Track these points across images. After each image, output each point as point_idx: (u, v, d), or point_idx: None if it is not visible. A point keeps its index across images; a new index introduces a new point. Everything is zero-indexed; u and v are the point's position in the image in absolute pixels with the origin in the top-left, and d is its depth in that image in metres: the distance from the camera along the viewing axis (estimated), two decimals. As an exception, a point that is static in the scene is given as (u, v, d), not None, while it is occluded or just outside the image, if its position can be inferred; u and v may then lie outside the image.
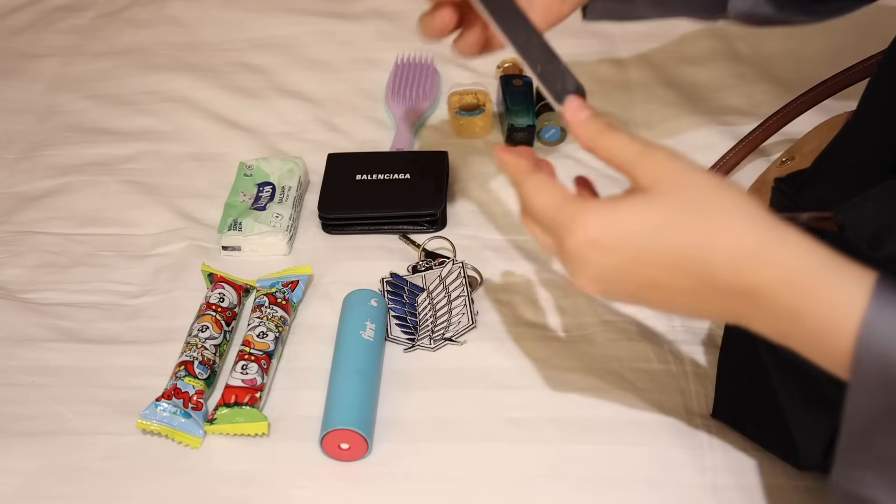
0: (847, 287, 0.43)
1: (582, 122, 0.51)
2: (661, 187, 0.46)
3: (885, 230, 0.50)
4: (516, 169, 0.52)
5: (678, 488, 0.64)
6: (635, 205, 0.46)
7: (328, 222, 0.84)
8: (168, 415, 0.67)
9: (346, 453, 0.66)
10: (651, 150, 0.48)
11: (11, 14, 1.14)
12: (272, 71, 1.04)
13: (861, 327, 0.42)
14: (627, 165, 0.48)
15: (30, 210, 0.88)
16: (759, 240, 0.44)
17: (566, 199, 0.49)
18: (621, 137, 0.49)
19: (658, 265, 0.46)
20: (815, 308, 0.44)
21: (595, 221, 0.47)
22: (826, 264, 0.44)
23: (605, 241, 0.47)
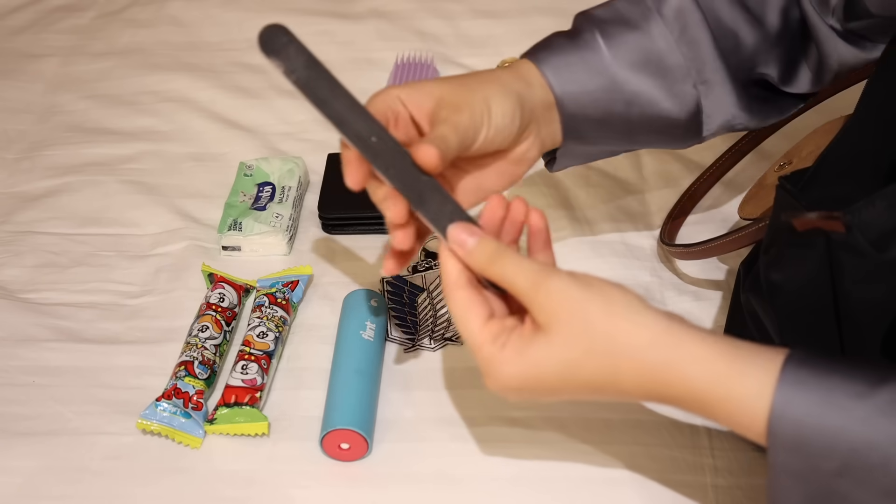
0: (748, 393, 0.45)
1: (470, 253, 0.51)
2: (560, 326, 0.48)
3: (892, 232, 0.50)
4: (447, 278, 0.52)
5: (678, 488, 0.64)
6: (540, 349, 0.49)
7: (328, 222, 0.85)
8: (168, 415, 0.67)
9: (346, 453, 0.66)
10: (544, 281, 0.49)
11: (11, 14, 1.14)
12: (272, 71, 1.03)
13: (768, 428, 0.45)
14: (523, 297, 0.50)
15: (30, 210, 0.88)
16: (658, 367, 0.47)
17: (483, 340, 0.50)
18: (512, 266, 0.50)
19: (571, 392, 0.50)
20: (724, 416, 0.47)
21: (507, 372, 0.49)
22: (723, 377, 0.46)
23: (518, 385, 0.50)
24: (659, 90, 0.63)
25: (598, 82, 0.62)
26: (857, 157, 0.56)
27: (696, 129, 0.67)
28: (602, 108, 0.63)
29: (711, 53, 0.64)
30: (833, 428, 0.43)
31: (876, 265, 0.50)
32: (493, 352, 0.50)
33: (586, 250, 0.81)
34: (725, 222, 0.83)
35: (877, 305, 0.51)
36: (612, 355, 0.48)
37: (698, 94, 0.64)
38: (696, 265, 0.79)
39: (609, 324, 0.48)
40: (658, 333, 0.47)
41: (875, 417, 0.43)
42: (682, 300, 0.77)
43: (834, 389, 0.44)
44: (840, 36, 0.65)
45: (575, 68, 0.62)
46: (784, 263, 0.57)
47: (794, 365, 0.45)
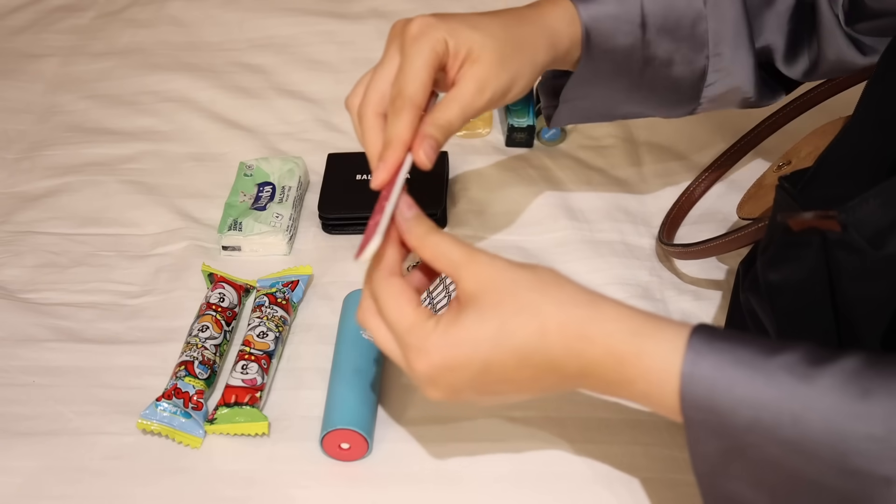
0: (662, 349, 0.47)
1: (408, 220, 0.53)
2: (488, 295, 0.50)
3: (888, 229, 0.50)
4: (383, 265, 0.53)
5: (678, 488, 0.64)
6: (470, 320, 0.50)
7: (328, 222, 0.85)
8: (168, 415, 0.67)
9: (346, 453, 0.66)
10: (474, 254, 0.51)
11: (11, 14, 1.14)
12: (272, 71, 1.04)
13: (681, 384, 0.46)
14: (453, 269, 0.51)
15: (30, 210, 0.88)
16: (582, 321, 0.49)
17: (417, 319, 0.51)
18: (446, 240, 0.52)
19: (503, 366, 0.50)
20: (638, 375, 0.48)
21: (440, 347, 0.50)
22: (640, 331, 0.48)
23: (453, 362, 0.50)
24: (674, 54, 0.65)
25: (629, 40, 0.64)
26: (856, 158, 0.56)
27: (693, 95, 0.68)
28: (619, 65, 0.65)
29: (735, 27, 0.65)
30: (741, 384, 0.45)
31: (873, 262, 0.50)
32: (428, 328, 0.50)
33: (586, 250, 0.82)
34: (724, 222, 0.83)
35: (875, 302, 0.52)
36: (539, 314, 0.49)
37: (707, 64, 0.66)
38: (696, 265, 0.79)
39: (536, 287, 0.50)
40: (579, 292, 0.50)
41: (780, 375, 0.44)
42: (682, 300, 0.77)
43: (740, 349, 0.46)
44: (843, 32, 0.65)
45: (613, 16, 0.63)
46: (781, 263, 0.57)
47: (703, 330, 0.47)
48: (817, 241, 0.53)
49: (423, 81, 0.56)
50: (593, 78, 0.66)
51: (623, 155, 0.90)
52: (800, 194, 0.55)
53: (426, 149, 0.55)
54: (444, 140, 0.57)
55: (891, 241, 0.50)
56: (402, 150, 0.56)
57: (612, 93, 0.68)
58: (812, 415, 0.43)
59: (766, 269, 0.59)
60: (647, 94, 0.68)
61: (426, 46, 0.56)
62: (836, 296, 0.53)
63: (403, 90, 0.56)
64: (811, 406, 0.43)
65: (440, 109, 0.57)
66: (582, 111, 0.71)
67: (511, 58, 0.59)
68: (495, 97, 0.58)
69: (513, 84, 0.59)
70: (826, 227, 0.52)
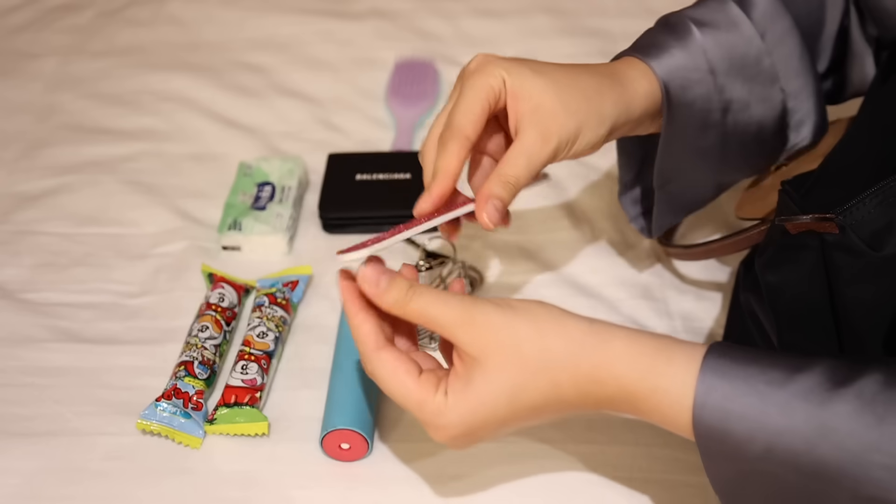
0: (674, 384, 0.47)
1: (384, 293, 0.51)
2: (492, 357, 0.49)
3: (885, 230, 0.50)
4: (365, 344, 0.51)
5: (678, 488, 0.64)
6: (481, 388, 0.49)
7: (329, 222, 0.84)
8: (168, 415, 0.67)
9: (346, 453, 0.66)
10: (469, 314, 0.49)
11: (10, 13, 1.14)
12: (272, 71, 1.03)
13: (693, 416, 0.46)
14: (449, 333, 0.49)
15: (29, 210, 0.88)
16: (592, 367, 0.49)
17: (424, 395, 0.50)
18: (431, 304, 0.50)
19: (519, 419, 0.50)
20: (651, 409, 0.48)
21: (457, 422, 0.50)
22: (650, 368, 0.48)
23: (471, 429, 0.50)
24: (749, 94, 0.63)
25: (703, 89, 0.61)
26: (859, 162, 0.56)
27: (782, 136, 0.67)
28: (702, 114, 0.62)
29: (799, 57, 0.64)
30: (754, 414, 0.45)
31: (871, 264, 0.51)
32: (438, 402, 0.49)
33: (586, 250, 0.82)
34: (724, 222, 0.83)
35: (875, 304, 0.52)
36: (548, 369, 0.48)
37: (784, 97, 0.65)
38: (697, 265, 0.79)
39: (539, 340, 0.49)
40: (584, 336, 0.49)
41: (794, 403, 0.44)
42: (683, 300, 0.77)
43: (753, 377, 0.45)
44: (872, 57, 0.66)
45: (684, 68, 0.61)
46: (779, 265, 0.57)
47: (715, 356, 0.47)
48: (815, 243, 0.53)
49: (474, 113, 0.54)
50: (680, 138, 0.63)
51: (623, 155, 0.90)
52: (802, 198, 0.55)
53: (490, 210, 0.54)
54: (510, 199, 0.55)
55: (889, 242, 0.50)
56: (447, 182, 0.55)
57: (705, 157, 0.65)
58: (827, 444, 0.43)
59: (764, 270, 0.59)
60: (738, 149, 0.66)
61: (481, 80, 0.55)
62: (835, 298, 0.53)
63: (453, 121, 0.55)
64: (826, 435, 0.43)
65: (506, 164, 0.55)
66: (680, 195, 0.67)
67: (575, 105, 0.55)
68: (561, 146, 0.55)
69: (579, 133, 0.56)
70: (824, 229, 0.52)
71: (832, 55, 0.68)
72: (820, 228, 0.52)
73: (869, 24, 0.65)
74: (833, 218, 0.51)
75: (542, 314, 0.50)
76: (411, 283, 0.51)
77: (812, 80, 0.66)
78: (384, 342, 0.52)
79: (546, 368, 0.48)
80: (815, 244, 0.53)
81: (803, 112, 0.66)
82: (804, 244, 0.54)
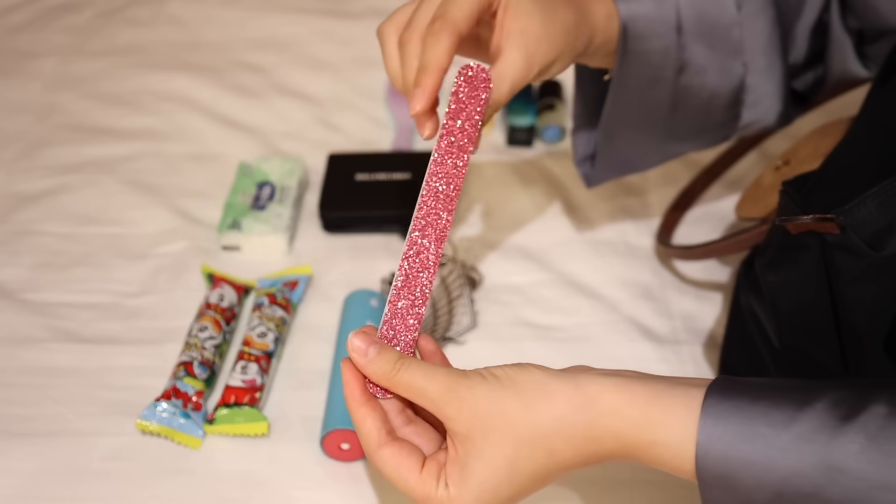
0: (673, 436, 0.46)
1: (371, 363, 0.50)
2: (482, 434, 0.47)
3: (886, 230, 0.50)
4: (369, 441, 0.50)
5: (678, 488, 0.64)
6: (477, 471, 0.47)
7: (329, 222, 0.84)
8: (168, 415, 0.67)
9: (346, 453, 0.66)
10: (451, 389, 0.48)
11: (10, 13, 1.14)
12: (272, 70, 1.03)
13: (696, 467, 0.45)
14: (434, 409, 0.48)
15: (29, 209, 0.88)
16: (586, 427, 0.47)
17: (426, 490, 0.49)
18: (417, 378, 0.48)
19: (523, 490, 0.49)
20: (652, 459, 0.47)
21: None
22: (647, 421, 0.46)
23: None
24: (709, 61, 0.63)
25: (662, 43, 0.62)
26: (861, 162, 0.56)
27: (734, 112, 0.66)
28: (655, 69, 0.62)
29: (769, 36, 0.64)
30: (759, 460, 0.43)
31: (872, 264, 0.50)
32: (441, 496, 0.48)
33: (586, 250, 0.81)
34: (723, 222, 0.83)
35: (875, 304, 0.52)
36: (542, 438, 0.47)
37: (745, 72, 0.64)
38: (697, 265, 0.79)
39: (526, 412, 0.47)
40: (570, 397, 0.47)
41: (799, 445, 0.43)
42: (683, 300, 0.77)
43: (755, 420, 0.44)
44: (853, 48, 0.65)
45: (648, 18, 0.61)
46: (779, 265, 0.57)
47: (715, 400, 0.45)
48: (816, 243, 0.53)
49: (470, 8, 0.52)
50: (631, 87, 0.64)
51: (623, 155, 0.90)
52: (803, 199, 0.55)
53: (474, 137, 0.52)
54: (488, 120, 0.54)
55: (889, 242, 0.50)
56: (438, 76, 0.52)
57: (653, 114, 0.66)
58: (835, 487, 0.42)
59: (764, 270, 0.59)
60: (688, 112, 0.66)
61: None
62: (836, 298, 0.53)
63: (448, 12, 0.52)
64: (834, 478, 0.42)
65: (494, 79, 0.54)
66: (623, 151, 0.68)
67: (556, 37, 0.56)
68: (537, 74, 0.56)
69: (553, 64, 0.56)
70: (825, 229, 0.52)
71: (812, 45, 0.67)
72: (821, 229, 0.52)
73: (850, 16, 0.65)
74: (834, 218, 0.51)
75: (526, 382, 0.48)
76: (401, 354, 0.50)
77: (779, 62, 0.65)
78: (385, 439, 0.50)
79: (539, 438, 0.47)
80: (815, 244, 0.53)
81: (762, 92, 0.66)
82: (805, 244, 0.54)
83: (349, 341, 0.50)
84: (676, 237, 0.82)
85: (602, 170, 0.70)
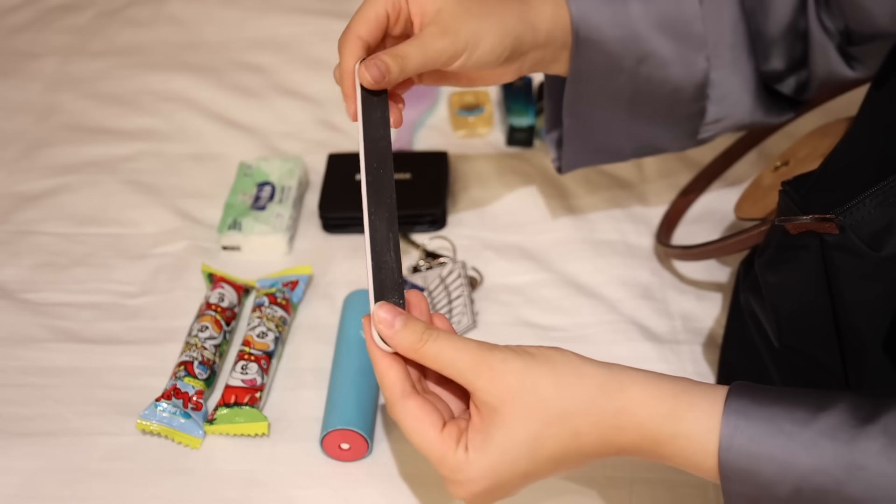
0: (697, 429, 0.46)
1: (396, 334, 0.49)
2: (511, 406, 0.47)
3: (885, 230, 0.50)
4: (392, 391, 0.50)
5: (678, 488, 0.64)
6: (501, 441, 0.47)
7: (328, 222, 0.84)
8: (168, 415, 0.67)
9: (346, 453, 0.66)
10: (486, 360, 0.48)
11: (10, 13, 1.14)
12: (272, 70, 1.03)
13: (719, 461, 0.45)
14: (465, 380, 0.48)
15: (29, 209, 0.88)
16: (613, 414, 0.47)
17: (445, 450, 0.48)
18: (446, 349, 0.48)
19: (540, 471, 0.49)
20: (675, 453, 0.47)
21: (477, 478, 0.48)
22: (672, 413, 0.47)
23: (493, 485, 0.48)
24: (672, 53, 0.64)
25: (618, 32, 0.63)
26: (860, 162, 0.56)
27: (699, 106, 0.67)
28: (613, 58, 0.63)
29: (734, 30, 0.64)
30: (781, 454, 0.44)
31: (871, 264, 0.50)
32: (459, 458, 0.48)
33: (586, 250, 0.81)
34: (722, 222, 0.83)
35: (875, 304, 0.52)
36: (569, 418, 0.47)
37: (709, 67, 0.64)
38: (697, 265, 0.79)
39: (558, 389, 0.47)
40: (603, 382, 0.48)
41: (822, 441, 0.43)
42: (683, 300, 0.77)
43: (778, 417, 0.44)
44: (834, 48, 0.65)
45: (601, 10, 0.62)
46: (778, 265, 0.57)
47: (738, 396, 0.46)
48: (815, 243, 0.53)
49: (367, 16, 0.57)
50: (589, 76, 0.64)
51: (624, 155, 0.90)
52: (803, 199, 0.55)
53: (370, 67, 0.55)
54: (396, 70, 0.55)
55: (889, 242, 0.50)
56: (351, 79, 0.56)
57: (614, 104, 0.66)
58: (857, 483, 0.42)
59: (764, 270, 0.59)
60: (651, 105, 0.67)
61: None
62: (835, 298, 0.53)
63: (350, 23, 0.57)
64: (855, 474, 0.42)
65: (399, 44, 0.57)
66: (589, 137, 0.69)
67: (477, 10, 0.58)
68: (459, 44, 0.57)
69: (479, 38, 0.58)
70: (824, 229, 0.52)
71: (790, 50, 0.67)
72: (820, 229, 0.52)
73: (829, 17, 0.65)
74: (833, 218, 0.51)
75: (560, 361, 0.48)
76: (427, 325, 0.50)
77: (746, 57, 0.66)
78: (410, 390, 0.50)
79: (567, 418, 0.47)
80: (815, 245, 0.53)
81: (728, 87, 0.66)
82: (804, 245, 0.54)
83: (374, 313, 0.50)
84: (676, 237, 0.82)
85: (572, 155, 0.71)
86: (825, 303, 0.54)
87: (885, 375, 0.53)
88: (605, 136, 0.70)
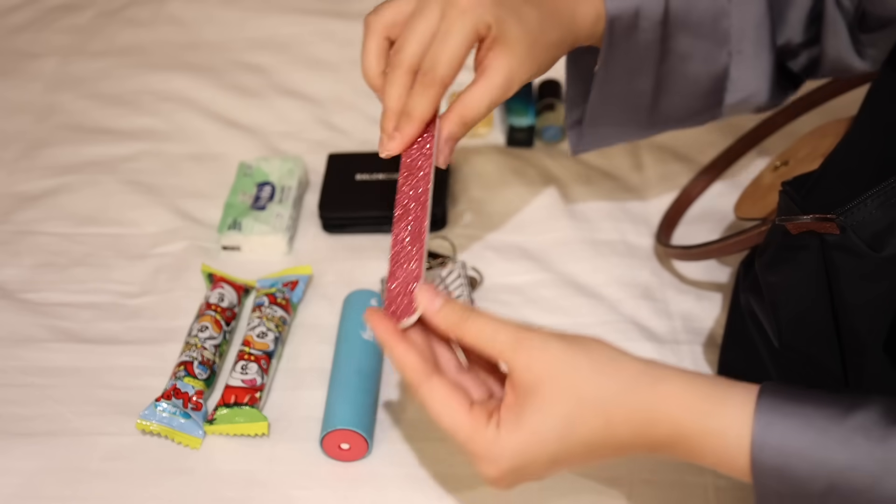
0: (731, 425, 0.46)
1: (438, 312, 0.50)
2: (547, 386, 0.47)
3: (886, 231, 0.50)
4: (415, 373, 0.50)
5: (678, 488, 0.64)
6: (534, 420, 0.47)
7: (329, 222, 0.84)
8: (168, 415, 0.67)
9: (346, 453, 0.66)
10: (526, 339, 0.48)
11: (10, 13, 1.14)
12: (272, 71, 1.03)
13: (752, 457, 0.45)
14: (502, 357, 0.49)
15: (29, 209, 0.88)
16: (647, 407, 0.47)
17: (475, 428, 0.48)
18: (488, 324, 0.49)
19: (570, 457, 0.49)
20: (708, 450, 0.47)
21: (507, 456, 0.48)
22: (706, 410, 0.47)
23: (521, 464, 0.48)
24: (695, 49, 0.64)
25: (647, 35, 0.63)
26: (861, 162, 0.56)
27: (717, 96, 0.67)
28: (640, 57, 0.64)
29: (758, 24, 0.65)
30: (815, 451, 0.44)
31: (872, 265, 0.51)
32: (490, 435, 0.48)
33: (586, 250, 0.81)
34: (722, 222, 0.83)
35: (875, 305, 0.52)
36: (603, 405, 0.47)
37: (729, 62, 0.65)
38: (697, 265, 0.79)
39: (595, 375, 0.48)
40: (639, 375, 0.48)
41: (855, 438, 0.43)
42: (683, 300, 0.77)
43: (811, 414, 0.44)
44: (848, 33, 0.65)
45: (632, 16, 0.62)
46: (779, 265, 0.57)
47: (770, 394, 0.46)
48: (815, 243, 0.53)
49: (459, 62, 0.55)
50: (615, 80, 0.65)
51: (624, 154, 0.90)
52: (803, 199, 0.55)
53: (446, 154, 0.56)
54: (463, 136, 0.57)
55: (889, 242, 0.50)
56: (420, 128, 0.55)
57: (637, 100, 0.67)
58: (890, 479, 0.42)
59: (764, 270, 0.59)
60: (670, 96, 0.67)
61: (471, 25, 0.55)
62: (836, 298, 0.53)
63: (437, 67, 0.55)
64: (889, 469, 0.42)
65: (469, 103, 0.56)
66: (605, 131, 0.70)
67: (541, 57, 0.58)
68: (518, 90, 0.58)
69: (533, 77, 0.59)
70: (824, 230, 0.52)
71: (807, 27, 0.68)
72: (820, 229, 0.52)
73: None
74: (834, 218, 0.51)
75: (599, 350, 0.49)
76: (464, 305, 0.50)
77: (766, 50, 0.66)
78: (433, 369, 0.50)
79: (602, 404, 0.47)
80: (815, 245, 0.53)
81: (746, 79, 0.67)
82: (804, 245, 0.54)
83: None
84: (676, 237, 0.82)
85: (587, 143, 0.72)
86: (825, 303, 0.54)
87: (885, 376, 0.53)
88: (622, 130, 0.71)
